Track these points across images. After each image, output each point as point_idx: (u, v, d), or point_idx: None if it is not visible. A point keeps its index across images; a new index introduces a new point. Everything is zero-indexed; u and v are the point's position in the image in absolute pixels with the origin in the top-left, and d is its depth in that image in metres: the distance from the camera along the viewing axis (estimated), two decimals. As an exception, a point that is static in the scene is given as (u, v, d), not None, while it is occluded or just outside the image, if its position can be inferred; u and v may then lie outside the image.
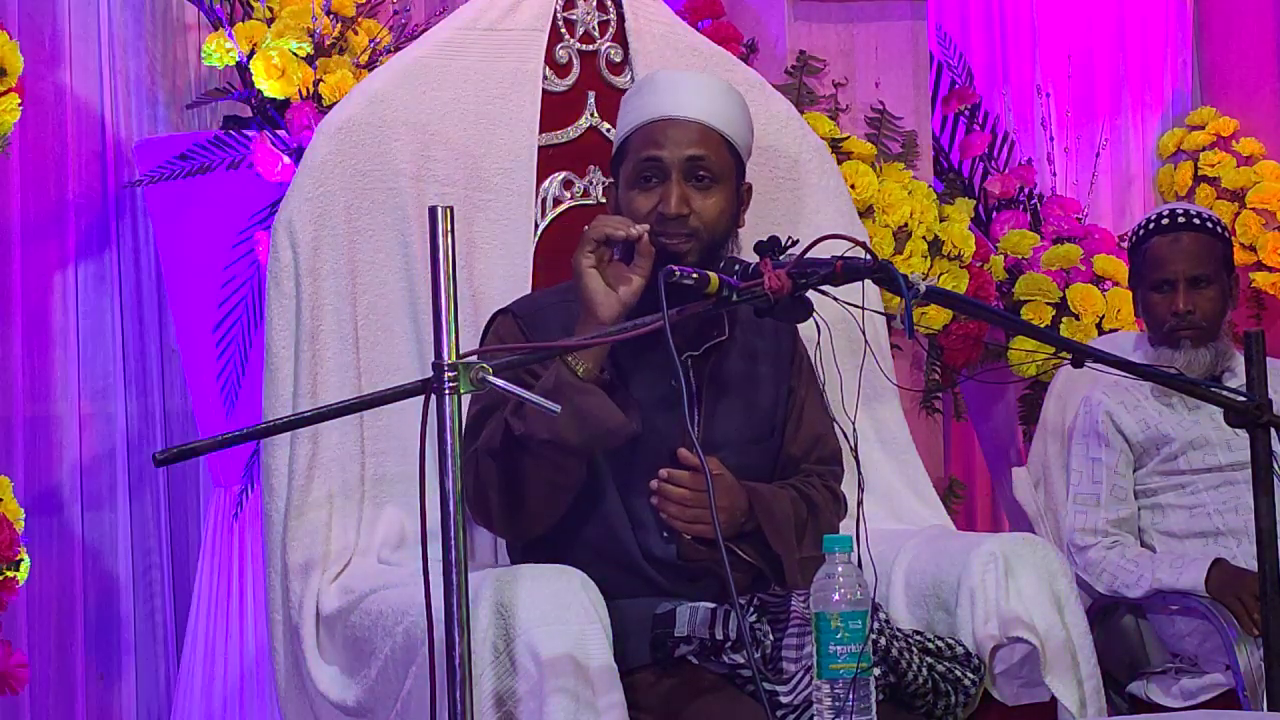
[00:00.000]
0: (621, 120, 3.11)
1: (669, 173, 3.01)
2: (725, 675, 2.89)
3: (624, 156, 3.06)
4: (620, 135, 3.09)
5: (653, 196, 3.00)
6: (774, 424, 3.15)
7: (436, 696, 2.48)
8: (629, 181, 3.03)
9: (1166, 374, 3.19)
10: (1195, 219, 3.96)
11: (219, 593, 3.87)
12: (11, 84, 3.41)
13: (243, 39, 3.81)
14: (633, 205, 3.01)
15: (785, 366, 3.18)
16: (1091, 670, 3.04)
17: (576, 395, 2.82)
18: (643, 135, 3.04)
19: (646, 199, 3.00)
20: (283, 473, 3.17)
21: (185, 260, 3.89)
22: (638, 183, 3.02)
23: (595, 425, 2.86)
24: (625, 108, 3.12)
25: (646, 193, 3.01)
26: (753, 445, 3.12)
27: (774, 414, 3.15)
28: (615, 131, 3.16)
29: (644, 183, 3.02)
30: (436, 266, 2.45)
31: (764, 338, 3.15)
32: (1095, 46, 5.27)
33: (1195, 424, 3.92)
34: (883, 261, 2.83)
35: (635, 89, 3.15)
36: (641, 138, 3.04)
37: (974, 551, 3.06)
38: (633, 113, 3.08)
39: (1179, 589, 3.77)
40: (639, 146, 3.03)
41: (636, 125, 3.05)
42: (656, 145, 3.02)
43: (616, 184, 3.08)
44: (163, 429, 4.06)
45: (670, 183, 3.00)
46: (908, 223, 4.21)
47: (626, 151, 3.06)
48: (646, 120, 3.04)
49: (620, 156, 3.08)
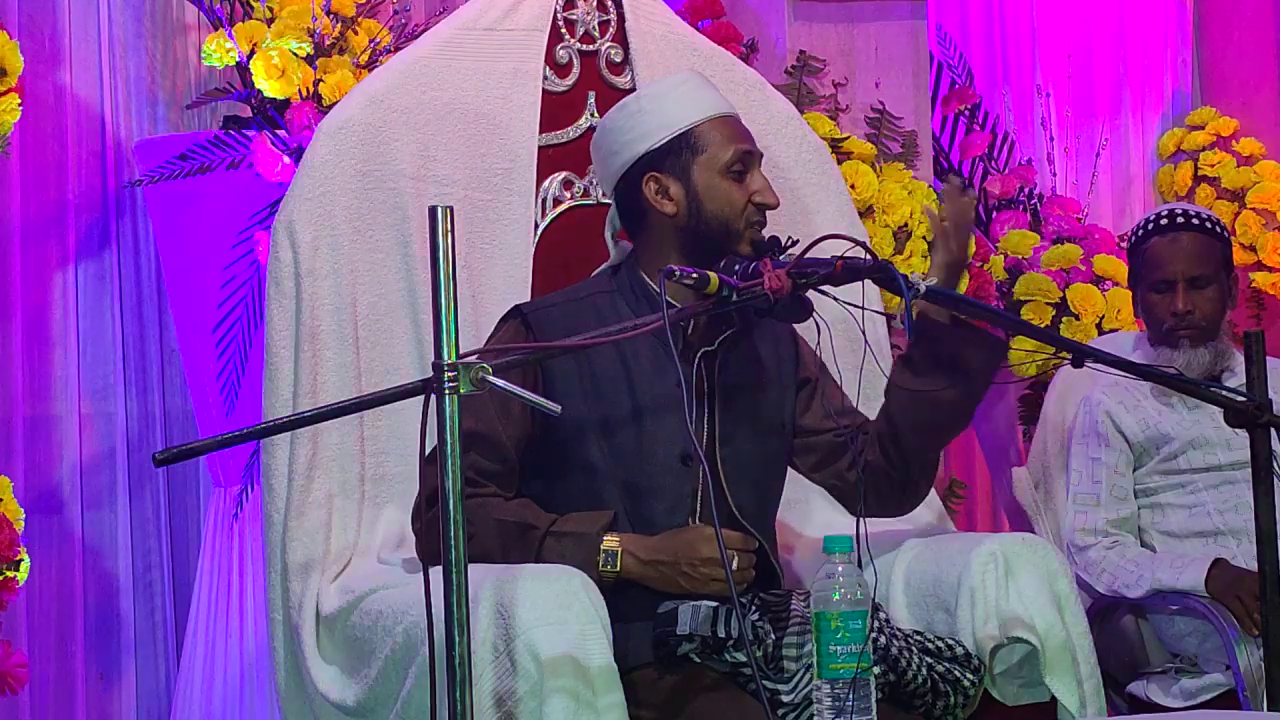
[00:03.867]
0: (661, 119, 3.07)
1: (753, 164, 3.07)
2: (727, 674, 2.89)
3: (694, 150, 3.05)
4: (671, 132, 3.06)
5: (745, 188, 3.05)
6: (785, 414, 3.16)
7: (436, 696, 2.48)
8: (718, 173, 3.04)
9: (1166, 374, 3.19)
10: (1195, 219, 3.96)
11: (219, 593, 3.87)
12: (11, 84, 3.41)
13: (243, 39, 3.81)
14: (731, 196, 3.04)
15: (791, 355, 3.19)
16: (1091, 670, 3.04)
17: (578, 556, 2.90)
18: (719, 129, 3.06)
19: (741, 190, 3.05)
20: (283, 473, 3.17)
21: (185, 260, 3.89)
22: (730, 175, 3.05)
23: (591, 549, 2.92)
24: (667, 102, 3.08)
25: (739, 184, 3.05)
26: (767, 435, 3.12)
27: (783, 404, 3.16)
28: (651, 128, 3.09)
29: (738, 176, 3.05)
30: (436, 266, 2.45)
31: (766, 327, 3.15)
32: (1095, 46, 5.27)
33: (1195, 423, 3.92)
34: (883, 261, 2.84)
35: (667, 86, 3.13)
36: (720, 131, 3.06)
37: (974, 551, 3.06)
38: (689, 106, 3.07)
39: (1179, 589, 3.77)
40: (723, 140, 3.05)
41: (706, 118, 3.06)
42: (743, 139, 3.07)
43: (679, 176, 3.05)
44: (163, 429, 4.06)
45: (757, 174, 3.07)
46: (908, 223, 4.21)
47: (696, 146, 3.05)
48: (716, 115, 3.07)
49: (682, 151, 3.05)
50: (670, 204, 3.05)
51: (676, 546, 2.90)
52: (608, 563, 2.90)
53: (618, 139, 3.09)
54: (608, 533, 2.92)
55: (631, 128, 3.08)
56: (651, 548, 2.92)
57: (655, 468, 3.01)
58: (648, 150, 3.06)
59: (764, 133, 3.54)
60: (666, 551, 2.91)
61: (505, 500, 2.99)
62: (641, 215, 3.09)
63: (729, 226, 3.03)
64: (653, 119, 3.07)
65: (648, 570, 2.91)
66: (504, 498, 2.99)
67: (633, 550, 2.92)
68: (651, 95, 3.11)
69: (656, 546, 2.92)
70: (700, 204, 3.04)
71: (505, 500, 2.99)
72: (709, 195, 3.04)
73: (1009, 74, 5.14)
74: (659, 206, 3.06)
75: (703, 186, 3.04)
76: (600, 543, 2.91)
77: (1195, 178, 5.10)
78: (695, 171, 3.05)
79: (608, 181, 3.15)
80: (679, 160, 3.06)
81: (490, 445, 2.97)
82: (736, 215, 3.04)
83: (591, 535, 2.91)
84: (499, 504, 2.97)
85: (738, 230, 3.03)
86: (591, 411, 3.00)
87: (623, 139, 3.09)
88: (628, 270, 3.11)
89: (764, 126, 3.55)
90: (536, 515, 2.95)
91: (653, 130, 3.07)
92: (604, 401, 3.02)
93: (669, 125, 3.06)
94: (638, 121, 3.08)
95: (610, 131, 3.12)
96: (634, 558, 2.91)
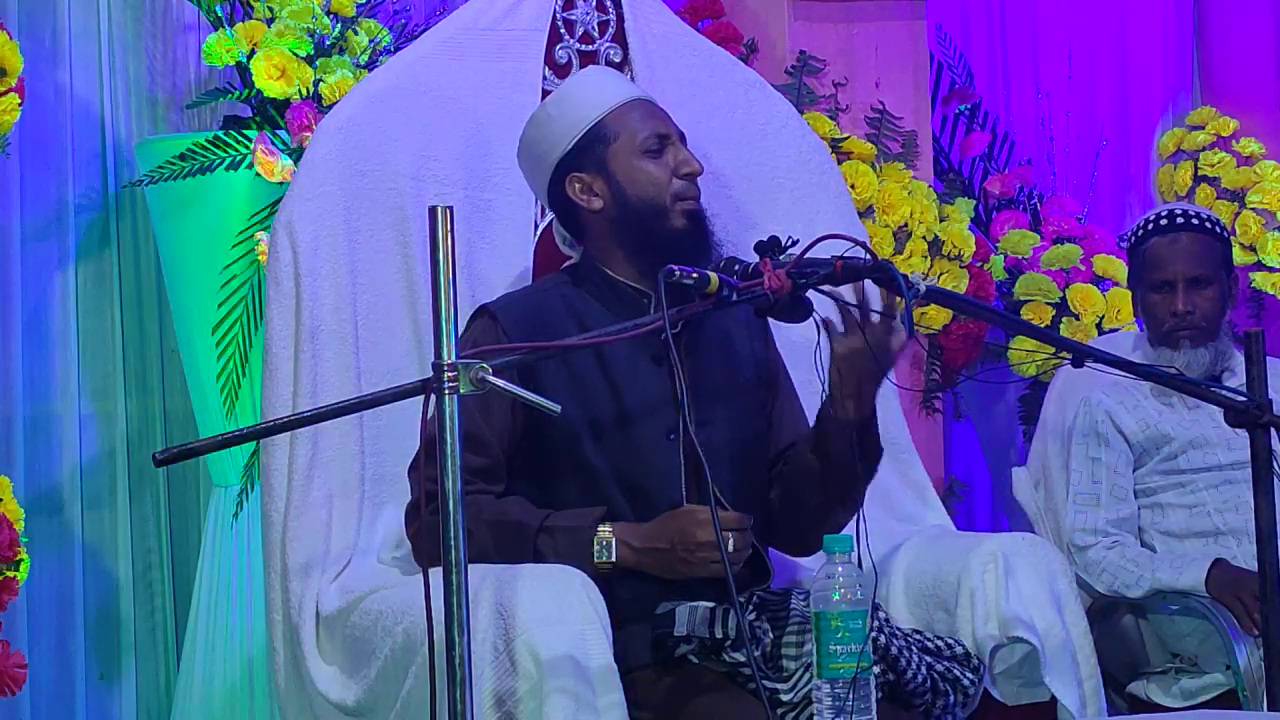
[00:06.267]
0: (570, 120, 3.08)
1: (671, 140, 3.07)
2: (725, 674, 2.89)
3: (606, 141, 3.05)
4: (581, 129, 3.07)
5: (665, 164, 3.05)
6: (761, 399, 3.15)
7: (436, 696, 2.48)
8: (635, 155, 3.05)
9: (1166, 374, 3.19)
10: (1195, 219, 3.96)
11: (219, 593, 3.87)
12: (11, 84, 3.42)
13: (243, 39, 3.81)
14: (652, 174, 3.05)
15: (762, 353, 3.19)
16: (1091, 670, 3.04)
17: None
18: (628, 114, 3.07)
19: (660, 166, 3.05)
20: (283, 473, 3.17)
21: (185, 260, 3.89)
22: (647, 154, 3.05)
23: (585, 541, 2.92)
24: (571, 103, 3.10)
25: (658, 161, 3.05)
26: (742, 412, 3.12)
27: (758, 389, 3.15)
28: (562, 132, 3.10)
29: (655, 154, 3.05)
30: (436, 266, 2.45)
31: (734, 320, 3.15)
32: (1095, 46, 5.26)
33: (1195, 423, 3.92)
34: (883, 261, 2.84)
35: (570, 87, 3.15)
36: (630, 116, 3.07)
37: (974, 551, 3.06)
38: (592, 101, 3.08)
39: (1179, 589, 3.77)
40: (633, 124, 3.06)
41: (612, 107, 3.07)
42: (656, 119, 3.08)
43: (598, 170, 3.06)
44: (163, 429, 4.06)
45: (677, 147, 3.07)
46: (908, 223, 4.21)
47: (606, 136, 3.05)
48: (621, 102, 3.08)
49: (595, 145, 3.06)
50: (597, 199, 3.07)
51: (671, 532, 2.90)
52: (603, 554, 2.90)
53: (535, 151, 3.12)
54: (600, 524, 2.92)
55: (544, 137, 3.10)
56: (646, 535, 2.92)
57: (644, 449, 3.01)
58: (564, 153, 3.08)
59: (764, 133, 3.55)
60: (661, 538, 2.91)
61: (495, 497, 2.99)
62: (576, 218, 3.11)
63: (655, 204, 3.03)
64: (561, 123, 3.09)
65: (644, 558, 2.91)
66: (493, 494, 2.99)
67: (627, 539, 2.92)
68: (556, 100, 3.13)
69: (650, 533, 2.92)
70: (624, 191, 3.04)
71: (495, 497, 2.99)
72: (630, 179, 3.05)
73: (1009, 74, 5.13)
74: (588, 205, 3.07)
75: (622, 172, 3.05)
76: (594, 535, 2.91)
77: (1195, 178, 5.10)
78: (612, 160, 3.06)
79: (541, 193, 3.18)
80: (594, 155, 3.07)
81: (475, 442, 2.96)
82: (661, 192, 3.04)
83: (585, 528, 2.91)
84: (489, 502, 2.97)
85: (665, 206, 3.04)
86: (578, 406, 3.00)
87: (539, 150, 3.11)
88: (586, 264, 3.12)
89: (764, 126, 3.55)
90: (528, 512, 2.95)
91: (564, 133, 3.08)
92: (586, 393, 3.02)
93: (578, 124, 3.08)
94: (548, 130, 3.10)
95: (528, 146, 3.14)
96: (629, 547, 2.91)
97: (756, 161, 3.55)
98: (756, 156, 3.56)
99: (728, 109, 3.55)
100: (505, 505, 2.97)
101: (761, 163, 3.53)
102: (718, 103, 3.53)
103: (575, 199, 3.08)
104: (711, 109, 3.49)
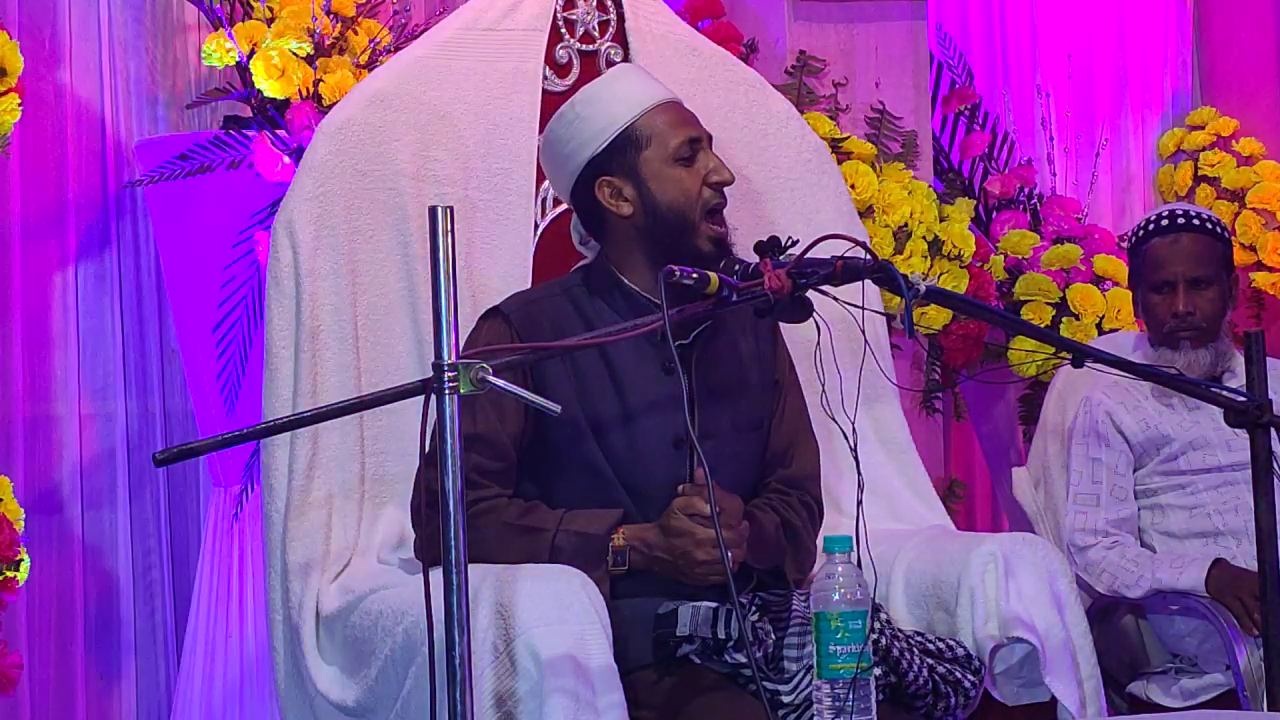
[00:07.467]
0: (601, 121, 3.05)
1: (701, 145, 3.05)
2: (727, 674, 2.89)
3: (638, 147, 3.03)
4: (611, 133, 3.04)
5: (696, 172, 3.03)
6: (763, 413, 3.15)
7: (436, 696, 2.48)
8: (667, 162, 3.02)
9: (1166, 374, 3.19)
10: (1195, 219, 3.96)
11: (219, 593, 3.87)
12: (11, 84, 3.41)
13: (243, 39, 3.81)
14: (684, 182, 3.03)
15: (770, 355, 3.19)
16: (1091, 670, 3.04)
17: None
18: (660, 118, 3.04)
19: (692, 174, 3.03)
20: (283, 473, 3.17)
21: (185, 260, 3.89)
22: (679, 162, 3.03)
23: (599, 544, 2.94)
24: (604, 103, 3.06)
25: (690, 169, 3.03)
26: (744, 433, 3.12)
27: (762, 403, 3.15)
28: (593, 133, 3.07)
29: (687, 161, 3.03)
30: (436, 266, 2.45)
31: (744, 324, 3.15)
32: (1095, 46, 5.26)
33: (1195, 424, 3.92)
34: (883, 261, 2.84)
35: (602, 85, 3.11)
36: (662, 120, 3.04)
37: (974, 551, 3.06)
38: (626, 102, 3.05)
39: (1179, 589, 3.77)
40: (665, 129, 3.03)
41: (645, 110, 3.04)
42: (688, 124, 3.05)
43: (629, 175, 3.03)
44: (163, 429, 4.06)
45: (708, 153, 3.05)
46: (908, 223, 4.20)
47: (639, 141, 3.03)
48: (654, 104, 3.05)
49: (627, 149, 3.04)
50: (626, 205, 3.04)
51: (674, 551, 2.92)
52: (618, 562, 2.93)
53: (562, 149, 3.08)
54: (615, 531, 2.94)
55: (572, 136, 3.07)
56: (653, 544, 2.94)
57: (649, 457, 3.02)
58: (593, 155, 3.05)
59: (764, 133, 3.55)
60: (667, 551, 2.93)
61: (508, 500, 2.99)
62: (601, 220, 3.09)
63: (685, 216, 3.01)
64: (593, 123, 3.06)
65: (653, 564, 2.94)
66: (506, 496, 3.00)
67: (638, 546, 2.94)
68: (587, 99, 3.09)
69: (657, 544, 2.93)
70: (654, 198, 3.02)
71: (508, 500, 2.99)
72: (661, 187, 3.03)
73: (1009, 74, 5.13)
74: (616, 210, 3.05)
75: (653, 180, 3.03)
76: (609, 543, 2.93)
77: (1195, 178, 5.10)
78: (643, 166, 3.03)
79: (563, 192, 3.16)
80: (625, 159, 3.04)
81: (489, 444, 2.97)
82: (692, 202, 3.02)
83: (600, 536, 2.93)
84: (504, 505, 2.97)
85: (694, 222, 3.01)
86: (583, 408, 3.01)
87: (567, 149, 3.07)
88: (600, 267, 3.11)
89: (764, 126, 3.55)
90: (543, 518, 2.96)
91: (594, 134, 3.05)
92: (592, 397, 3.02)
93: (609, 126, 3.04)
94: (578, 129, 3.07)
95: (554, 143, 3.11)
96: (640, 554, 2.94)
97: (756, 161, 3.55)
98: (756, 156, 3.56)
99: (728, 109, 3.55)
100: (519, 510, 2.99)
101: (761, 163, 3.53)
102: (718, 103, 3.53)
103: (604, 203, 3.05)
104: (711, 109, 3.49)
